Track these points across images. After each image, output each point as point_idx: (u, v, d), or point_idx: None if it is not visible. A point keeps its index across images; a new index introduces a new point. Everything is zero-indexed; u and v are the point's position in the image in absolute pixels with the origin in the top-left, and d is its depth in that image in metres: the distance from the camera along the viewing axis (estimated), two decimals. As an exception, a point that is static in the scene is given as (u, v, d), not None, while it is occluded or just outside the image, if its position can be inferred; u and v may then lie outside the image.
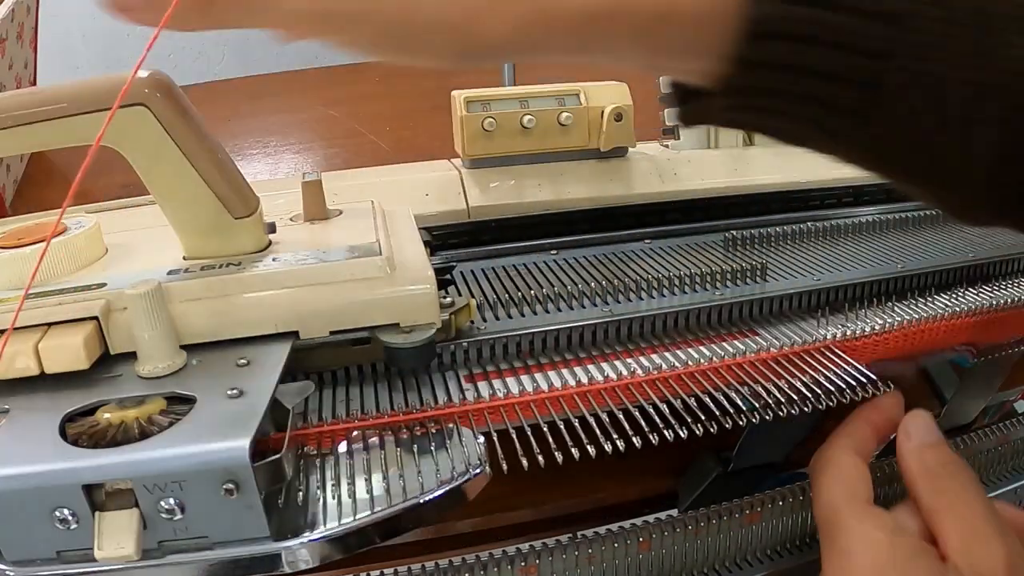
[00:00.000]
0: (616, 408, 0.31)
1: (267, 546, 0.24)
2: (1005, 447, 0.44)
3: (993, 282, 0.43)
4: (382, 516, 0.25)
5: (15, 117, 0.27)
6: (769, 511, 0.37)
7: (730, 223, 0.47)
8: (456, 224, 0.43)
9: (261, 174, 0.65)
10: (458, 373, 0.33)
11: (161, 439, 0.23)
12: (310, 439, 0.29)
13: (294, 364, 0.29)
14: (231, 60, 0.95)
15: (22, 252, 0.29)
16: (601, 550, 0.35)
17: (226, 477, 0.23)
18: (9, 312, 0.25)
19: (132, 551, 0.22)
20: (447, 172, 0.45)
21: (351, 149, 0.68)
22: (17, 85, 0.60)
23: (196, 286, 0.29)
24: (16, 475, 0.22)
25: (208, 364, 0.28)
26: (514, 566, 0.34)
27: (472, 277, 0.40)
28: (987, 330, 0.39)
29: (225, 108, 0.72)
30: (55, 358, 0.26)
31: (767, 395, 0.32)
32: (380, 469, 0.27)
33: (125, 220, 0.38)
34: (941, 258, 0.43)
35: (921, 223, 0.49)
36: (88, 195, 0.57)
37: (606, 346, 0.35)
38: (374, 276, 0.30)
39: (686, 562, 0.37)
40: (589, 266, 0.42)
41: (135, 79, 0.27)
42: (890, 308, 0.39)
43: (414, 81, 0.78)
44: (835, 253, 0.44)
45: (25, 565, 0.23)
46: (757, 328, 0.37)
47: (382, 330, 0.30)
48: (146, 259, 0.32)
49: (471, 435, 0.29)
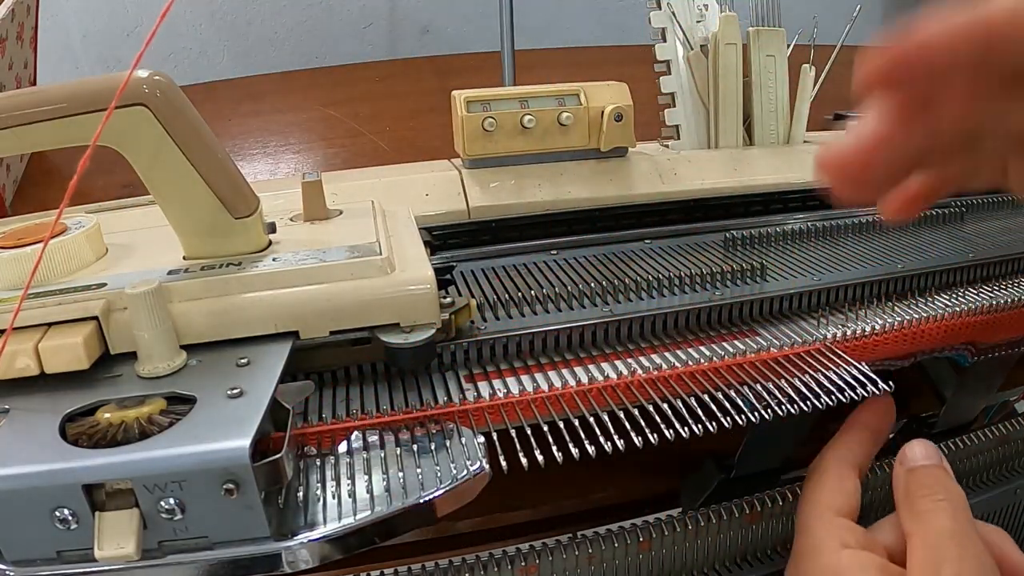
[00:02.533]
0: (616, 408, 0.31)
1: (267, 546, 0.24)
2: (1005, 447, 0.44)
3: (993, 282, 0.43)
4: (382, 516, 0.25)
5: (15, 117, 0.27)
6: (769, 511, 0.38)
7: (730, 223, 0.47)
8: (456, 224, 0.43)
9: (261, 174, 0.65)
10: (458, 373, 0.33)
11: (161, 439, 0.23)
12: (310, 439, 0.29)
13: (294, 364, 0.29)
14: (231, 60, 0.95)
15: (22, 252, 0.29)
16: (601, 550, 0.35)
17: (226, 477, 0.23)
18: (9, 312, 0.25)
19: (132, 551, 0.22)
20: (447, 172, 0.45)
21: (351, 149, 0.68)
22: (17, 85, 0.60)
23: (196, 286, 0.29)
24: (16, 475, 0.22)
25: (208, 364, 0.28)
26: (514, 566, 0.34)
27: (472, 277, 0.40)
28: (987, 330, 0.39)
29: (225, 108, 0.72)
30: (55, 358, 0.26)
31: (767, 395, 0.32)
32: (380, 469, 0.27)
33: (125, 220, 0.38)
34: (941, 258, 0.43)
35: (921, 223, 0.49)
36: (88, 195, 0.57)
37: (606, 346, 0.35)
38: (374, 276, 0.30)
39: (686, 562, 0.37)
40: (589, 266, 0.42)
41: (135, 79, 0.27)
42: (890, 308, 0.39)
43: (414, 81, 0.78)
44: (835, 253, 0.44)
45: (25, 565, 0.23)
46: (757, 328, 0.37)
47: (382, 330, 0.30)
48: (146, 259, 0.32)
49: (471, 435, 0.29)
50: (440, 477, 0.26)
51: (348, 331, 0.30)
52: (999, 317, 0.39)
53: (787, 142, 0.53)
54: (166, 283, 0.28)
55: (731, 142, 0.51)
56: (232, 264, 0.30)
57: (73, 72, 0.90)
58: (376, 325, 0.30)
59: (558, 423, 0.30)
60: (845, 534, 0.33)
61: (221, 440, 0.23)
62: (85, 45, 0.89)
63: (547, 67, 0.81)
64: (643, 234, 0.46)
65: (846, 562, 0.32)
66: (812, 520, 0.34)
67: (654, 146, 0.51)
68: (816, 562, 0.33)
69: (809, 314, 0.39)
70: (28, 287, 0.26)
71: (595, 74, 0.48)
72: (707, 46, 0.50)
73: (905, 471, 0.34)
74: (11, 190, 0.60)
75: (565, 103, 0.45)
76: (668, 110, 0.51)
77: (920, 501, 0.33)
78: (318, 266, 0.30)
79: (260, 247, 0.32)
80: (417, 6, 0.99)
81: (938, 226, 0.49)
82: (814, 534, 0.33)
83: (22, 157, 0.63)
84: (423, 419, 0.30)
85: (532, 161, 0.45)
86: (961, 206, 0.51)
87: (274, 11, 0.94)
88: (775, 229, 0.46)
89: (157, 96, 0.28)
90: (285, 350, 0.28)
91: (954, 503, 0.32)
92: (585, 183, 0.45)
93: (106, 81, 0.27)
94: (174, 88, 0.28)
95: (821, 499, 0.35)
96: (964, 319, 0.38)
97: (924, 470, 0.34)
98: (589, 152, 0.46)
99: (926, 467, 0.34)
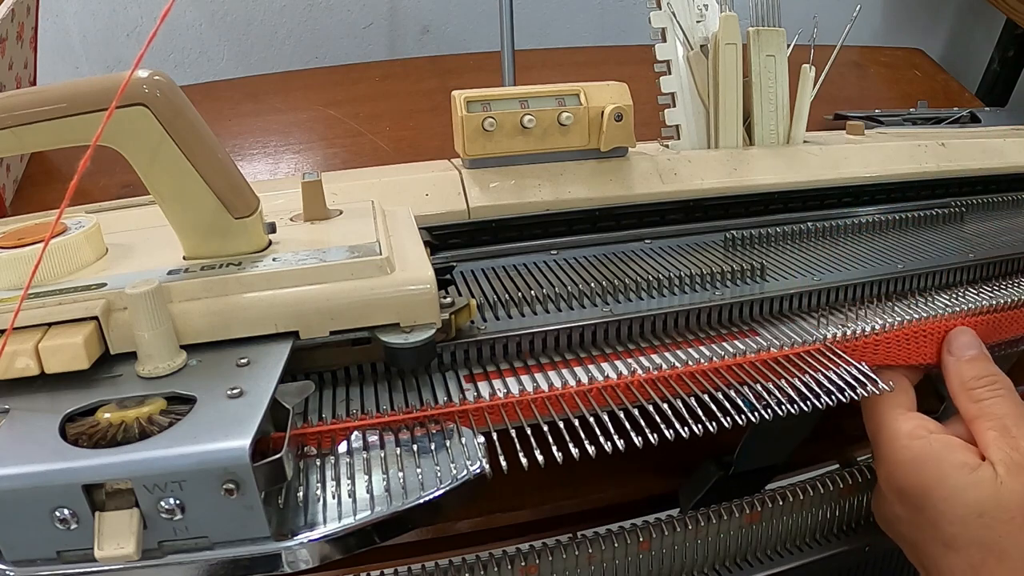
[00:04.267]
0: (616, 408, 0.31)
1: (267, 546, 0.24)
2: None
3: (993, 282, 0.43)
4: (382, 516, 0.25)
5: (15, 117, 0.27)
6: (769, 511, 0.38)
7: (730, 223, 0.47)
8: (456, 224, 0.43)
9: (261, 174, 0.65)
10: (458, 373, 0.33)
11: (161, 439, 0.23)
12: (310, 439, 0.29)
13: (294, 364, 0.29)
14: (231, 60, 0.95)
15: (22, 252, 0.29)
16: (601, 550, 0.35)
17: (226, 477, 0.23)
18: (9, 312, 0.25)
19: (132, 551, 0.22)
20: (447, 172, 0.45)
21: (351, 149, 0.68)
22: (17, 85, 0.60)
23: (196, 286, 0.29)
24: (16, 475, 0.22)
25: (208, 364, 0.28)
26: (514, 566, 0.34)
27: (472, 277, 0.40)
28: (987, 330, 0.39)
29: (225, 108, 0.72)
30: (55, 358, 0.26)
31: (767, 395, 0.32)
32: (380, 469, 0.27)
33: (125, 220, 0.38)
34: (941, 258, 0.43)
35: (921, 223, 0.49)
36: (88, 195, 0.57)
37: (606, 346, 0.35)
38: (374, 276, 0.30)
39: (686, 562, 0.37)
40: (589, 266, 0.42)
41: (135, 79, 0.27)
42: (890, 308, 0.39)
43: (414, 81, 0.78)
44: (834, 253, 0.44)
45: (25, 565, 0.23)
46: (757, 328, 0.37)
47: (382, 330, 0.30)
48: (146, 259, 0.32)
49: (471, 435, 0.29)
50: (440, 477, 0.26)
51: (348, 331, 0.30)
52: (999, 317, 0.39)
53: (787, 142, 0.53)
54: (166, 283, 0.28)
55: (731, 142, 0.51)
56: (232, 264, 0.30)
57: (73, 72, 0.90)
58: (376, 325, 0.30)
59: (558, 423, 0.30)
60: (928, 423, 0.36)
61: (221, 440, 0.23)
62: (85, 45, 0.88)
63: (547, 67, 0.81)
64: (643, 234, 0.46)
65: (939, 445, 0.35)
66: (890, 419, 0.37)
67: (654, 146, 0.51)
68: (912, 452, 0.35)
69: (809, 314, 0.39)
70: (28, 287, 0.26)
71: (595, 74, 0.48)
72: (707, 46, 0.50)
73: (958, 361, 0.37)
74: (11, 190, 0.60)
75: (565, 103, 0.45)
76: (668, 110, 0.51)
77: (980, 391, 0.36)
78: (318, 266, 0.30)
79: (260, 247, 0.32)
80: (417, 6, 0.99)
81: (938, 226, 0.49)
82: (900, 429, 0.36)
83: (22, 157, 0.63)
84: (423, 419, 0.30)
85: (532, 161, 0.45)
86: (961, 206, 0.51)
87: (274, 11, 0.94)
88: (775, 229, 0.46)
89: (157, 96, 0.28)
90: (285, 350, 0.28)
91: (1010, 390, 0.36)
92: (585, 183, 0.45)
93: (106, 81, 0.27)
94: (174, 88, 0.28)
95: (887, 400, 0.37)
96: (964, 319, 0.38)
97: (976, 362, 0.37)
98: (589, 152, 0.46)
99: (975, 357, 0.37)
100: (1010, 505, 0.32)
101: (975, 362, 0.37)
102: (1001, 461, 0.33)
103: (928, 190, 0.53)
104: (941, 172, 0.53)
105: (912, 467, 0.35)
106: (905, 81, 0.92)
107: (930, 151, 0.54)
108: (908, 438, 0.36)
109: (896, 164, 0.52)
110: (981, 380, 0.37)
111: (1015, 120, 0.73)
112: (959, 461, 0.34)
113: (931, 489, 0.34)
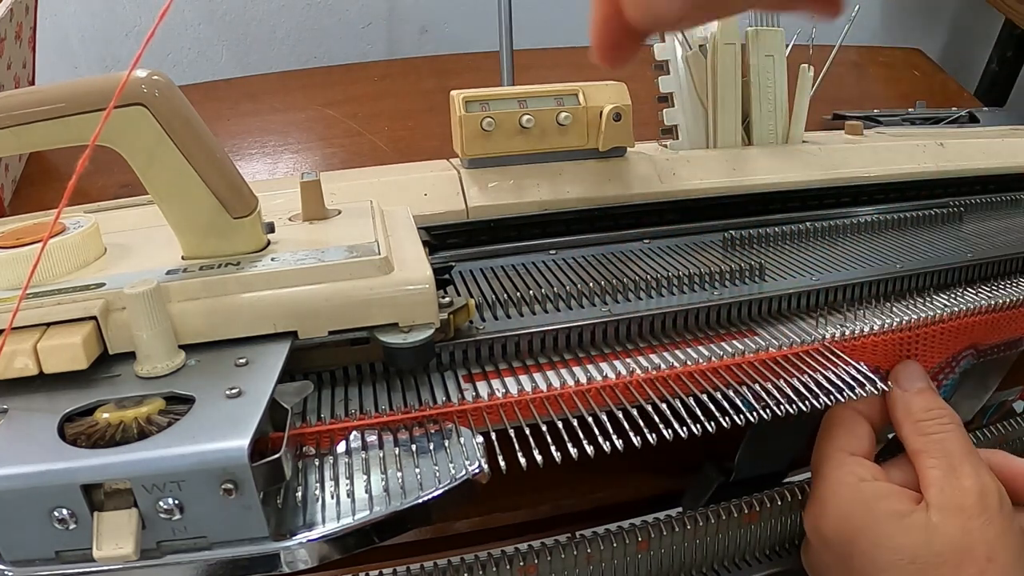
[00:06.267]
0: (615, 408, 0.31)
1: (266, 546, 0.24)
2: (1004, 447, 0.44)
3: (992, 282, 0.43)
4: (382, 516, 0.25)
5: (13, 117, 0.27)
6: (768, 511, 0.38)
7: (728, 223, 0.47)
8: (455, 224, 0.43)
9: (260, 174, 0.65)
10: (457, 373, 0.33)
11: (160, 439, 0.23)
12: (309, 439, 0.29)
13: (293, 364, 0.29)
14: (229, 60, 0.95)
15: (20, 252, 0.29)
16: (600, 550, 0.35)
17: (225, 477, 0.23)
18: (7, 312, 0.25)
19: (131, 551, 0.22)
20: (446, 172, 0.45)
21: (350, 149, 0.68)
22: (16, 85, 0.60)
23: (195, 286, 0.29)
24: (15, 475, 0.22)
25: (207, 364, 0.28)
26: (514, 566, 0.34)
27: (471, 277, 0.40)
28: (986, 330, 0.39)
29: (224, 108, 0.72)
30: (54, 358, 0.26)
31: (766, 395, 0.32)
32: (379, 469, 0.27)
33: (124, 220, 0.38)
34: (940, 258, 0.43)
35: (919, 223, 0.49)
36: (87, 195, 0.57)
37: (605, 346, 0.35)
38: (373, 276, 0.30)
39: (685, 562, 0.37)
40: (588, 266, 0.42)
41: (134, 78, 0.27)
42: (889, 308, 0.39)
43: (413, 81, 0.78)
44: (834, 253, 0.44)
45: (24, 565, 0.23)
46: (756, 328, 0.37)
47: (381, 330, 0.30)
48: (145, 259, 0.32)
49: (470, 435, 0.29)
50: (439, 477, 0.26)
51: (347, 331, 0.30)
52: (998, 317, 0.39)
53: (786, 142, 0.53)
54: (164, 283, 0.28)
55: (730, 142, 0.51)
56: (231, 264, 0.30)
57: (71, 72, 0.90)
58: (375, 325, 0.30)
59: (557, 423, 0.30)
60: (861, 470, 0.35)
61: (220, 440, 0.23)
62: (84, 45, 0.88)
63: (546, 67, 0.81)
64: (642, 234, 0.46)
65: (868, 494, 0.34)
66: (827, 462, 0.36)
67: (653, 146, 0.51)
68: (838, 500, 0.34)
69: (808, 314, 0.39)
70: (27, 287, 0.26)
71: (594, 74, 0.48)
72: (706, 46, 0.50)
73: (904, 394, 0.36)
74: (10, 190, 0.60)
75: (564, 103, 0.45)
76: (667, 110, 0.51)
77: (928, 425, 0.35)
78: (317, 266, 0.30)
79: (259, 247, 0.32)
80: (416, 6, 0.99)
81: (936, 226, 0.49)
82: (831, 475, 0.35)
83: (21, 157, 0.63)
84: (422, 419, 0.30)
85: (531, 161, 0.45)
86: (959, 206, 0.51)
87: (273, 11, 0.94)
88: (773, 229, 0.46)
89: (156, 96, 0.28)
90: (284, 350, 0.28)
91: (959, 426, 0.35)
92: (584, 183, 0.45)
93: (105, 81, 0.27)
94: (173, 88, 0.28)
95: (833, 442, 0.36)
96: (964, 319, 0.38)
97: (924, 395, 0.36)
98: (588, 152, 0.46)
99: (923, 391, 0.36)
100: (943, 549, 0.31)
101: (923, 395, 0.36)
102: (938, 505, 0.32)
103: (927, 190, 0.53)
104: (940, 172, 0.53)
105: (838, 514, 0.34)
106: (904, 81, 0.92)
107: (929, 151, 0.54)
108: (838, 484, 0.35)
109: (895, 164, 0.52)
110: (930, 413, 0.35)
111: (1014, 120, 0.73)
112: (890, 510, 0.33)
113: (858, 537, 0.33)
